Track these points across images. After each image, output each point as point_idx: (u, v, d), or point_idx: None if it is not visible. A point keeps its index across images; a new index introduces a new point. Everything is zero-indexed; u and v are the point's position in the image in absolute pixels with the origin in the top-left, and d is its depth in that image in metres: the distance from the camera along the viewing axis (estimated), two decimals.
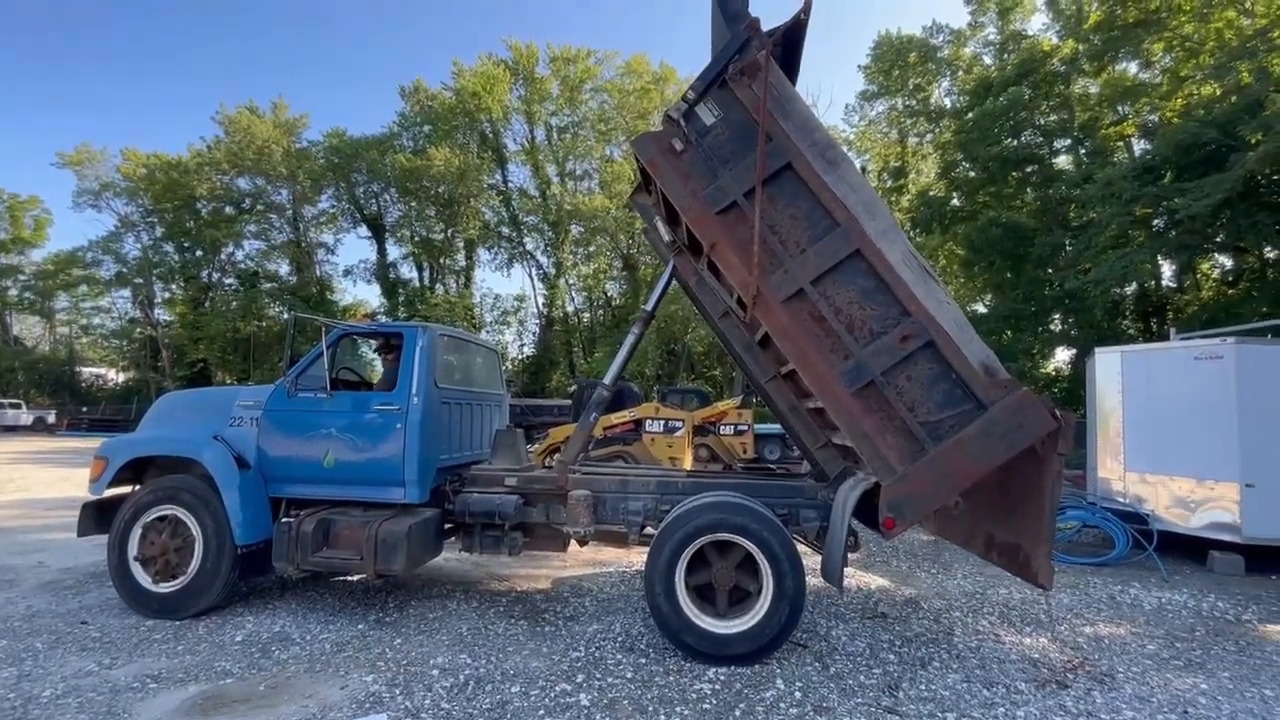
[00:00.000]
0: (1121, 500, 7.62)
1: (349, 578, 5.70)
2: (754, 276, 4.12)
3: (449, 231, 37.79)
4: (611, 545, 5.31)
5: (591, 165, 36.75)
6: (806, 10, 4.40)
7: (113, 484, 5.00)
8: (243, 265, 39.67)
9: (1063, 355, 23.66)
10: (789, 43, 4.69)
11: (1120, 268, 15.81)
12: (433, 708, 3.28)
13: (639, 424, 11.64)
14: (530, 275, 38.27)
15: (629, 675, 3.74)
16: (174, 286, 39.73)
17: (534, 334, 38.93)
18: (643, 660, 3.97)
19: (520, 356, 38.38)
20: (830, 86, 74.52)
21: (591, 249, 35.53)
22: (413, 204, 36.91)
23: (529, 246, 37.93)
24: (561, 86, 36.34)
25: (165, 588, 4.67)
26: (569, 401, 16.37)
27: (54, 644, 4.04)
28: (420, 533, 4.63)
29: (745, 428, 14.99)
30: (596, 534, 4.78)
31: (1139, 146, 21.46)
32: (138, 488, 5.00)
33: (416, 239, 38.02)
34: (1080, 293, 17.63)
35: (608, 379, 5.11)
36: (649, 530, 4.55)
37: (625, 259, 34.67)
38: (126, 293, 40.17)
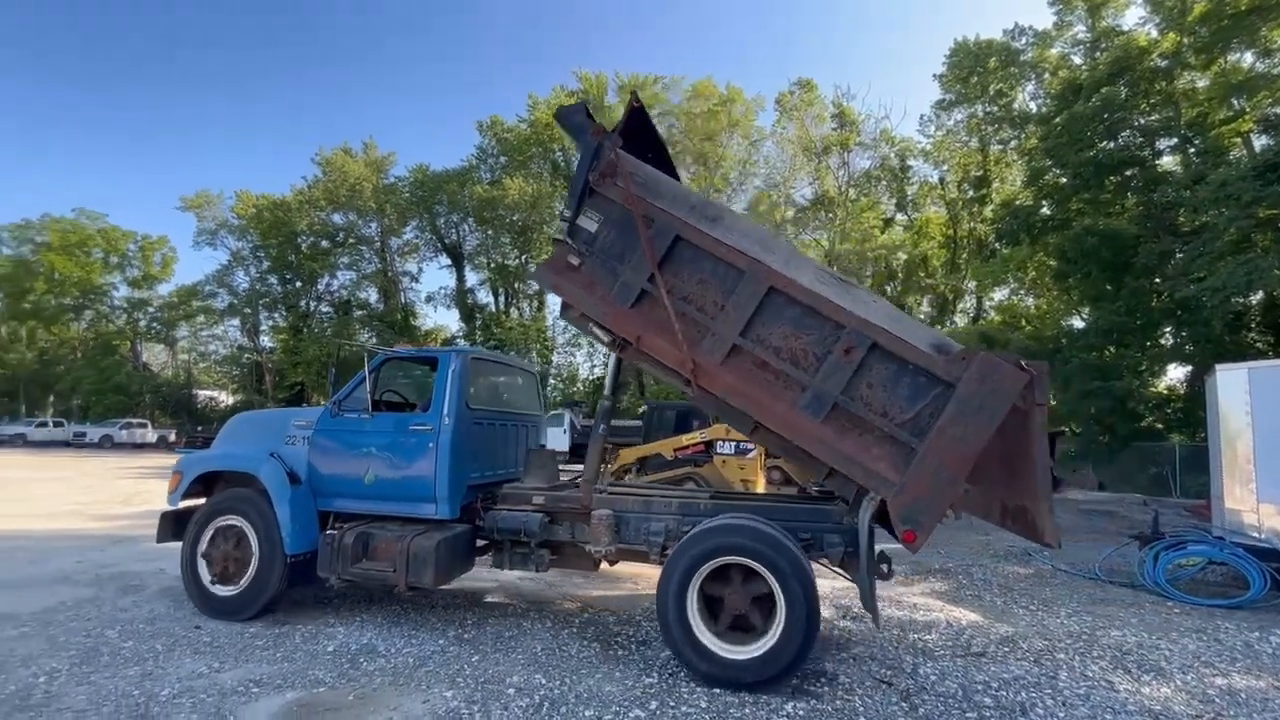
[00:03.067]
0: (1255, 534, 6.81)
1: (430, 591, 5.91)
2: (684, 352, 4.21)
3: (523, 257, 39.15)
4: (643, 563, 5.19)
5: None
6: (636, 100, 4.80)
7: (187, 496, 5.44)
8: (336, 294, 42.64)
9: (1176, 373, 21.64)
10: (639, 128, 4.99)
11: (1244, 275, 14.32)
12: None
13: (709, 446, 11.51)
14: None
15: (703, 705, 3.66)
16: (276, 315, 43.13)
17: (606, 355, 39.55)
18: (716, 690, 3.87)
19: (591, 378, 38.98)
20: (904, 97, 72.43)
21: None
22: (489, 232, 38.57)
23: None
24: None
25: (225, 591, 5.06)
26: (639, 422, 16.41)
27: (171, 646, 4.39)
28: (449, 548, 4.79)
29: None
30: (619, 553, 4.78)
31: (1260, 143, 19.51)
32: (206, 500, 5.41)
33: (492, 265, 39.65)
34: (1194, 302, 16.09)
35: (606, 389, 5.24)
36: (670, 551, 4.48)
37: None
38: (236, 322, 43.99)
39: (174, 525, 5.44)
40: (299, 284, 42.18)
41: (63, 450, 31.30)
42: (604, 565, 5.39)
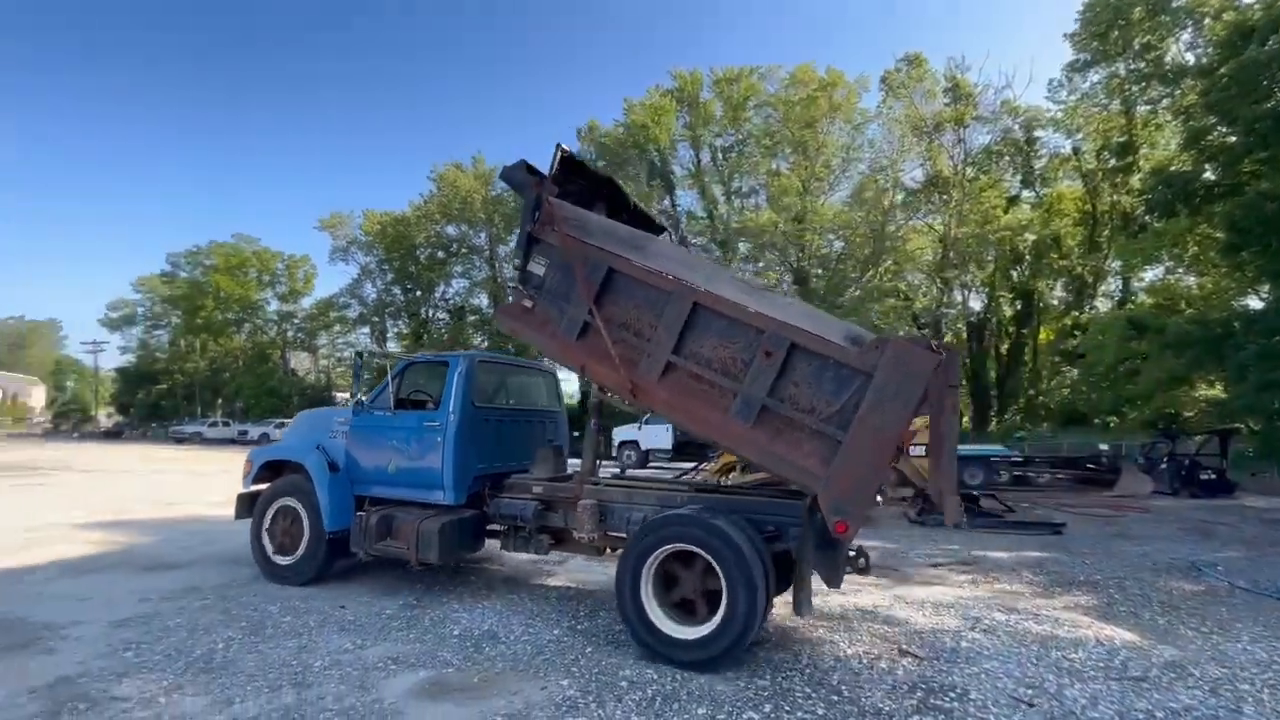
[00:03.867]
0: None
1: (546, 583, 6.15)
2: (622, 375, 4.57)
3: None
4: None
5: (758, 181, 36.51)
6: (564, 151, 5.14)
7: (256, 480, 6.36)
8: (451, 301, 45.57)
9: None
10: (572, 170, 5.44)
11: None
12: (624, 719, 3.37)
13: None
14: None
15: (820, 712, 3.52)
16: (400, 322, 46.80)
17: None
18: (835, 698, 3.71)
19: None
20: (1028, 63, 66.01)
21: (761, 265, 35.07)
22: None
23: None
24: (724, 107, 36.74)
25: (284, 560, 5.96)
26: None
27: (322, 623, 4.87)
28: (454, 530, 5.38)
29: None
30: (604, 539, 5.13)
31: None
32: (269, 484, 6.26)
33: None
34: None
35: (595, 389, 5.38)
36: None
37: (796, 273, 33.67)
38: (366, 329, 48.23)
39: (248, 505, 6.32)
40: (418, 293, 45.54)
41: (230, 446, 35.74)
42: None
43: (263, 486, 6.31)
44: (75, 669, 3.86)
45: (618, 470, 17.34)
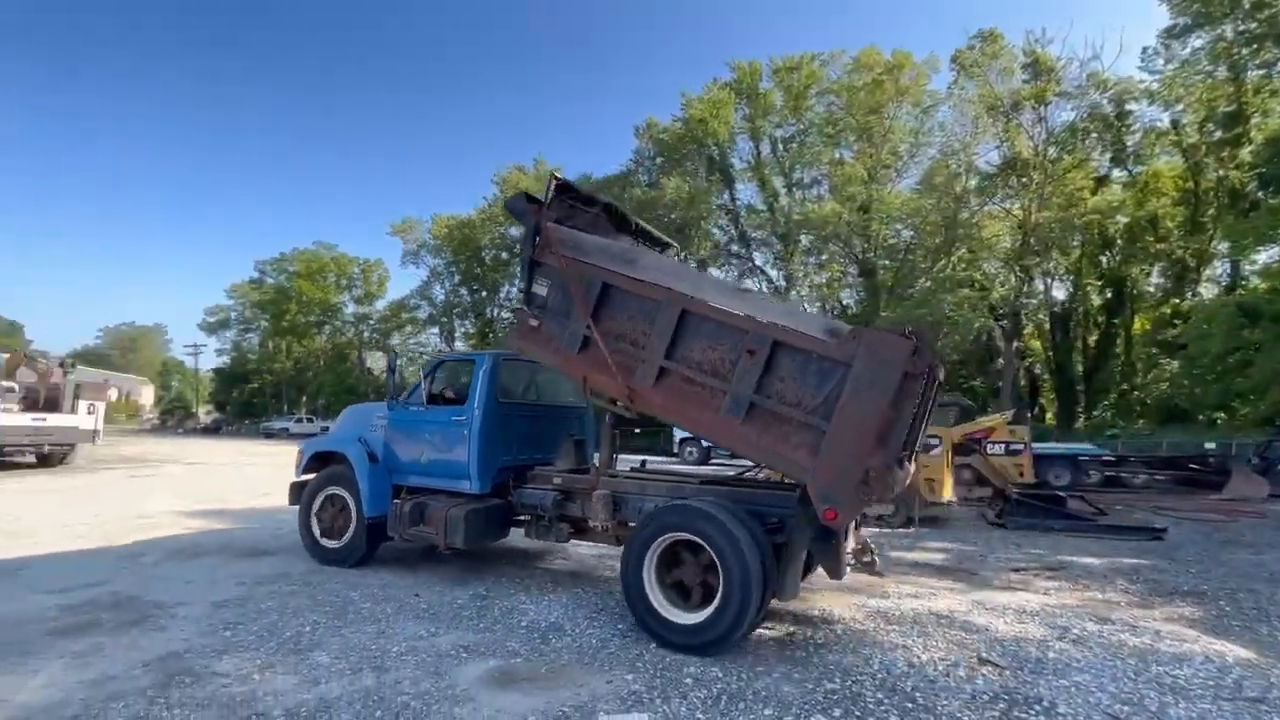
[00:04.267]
0: None
1: (611, 578, 6.20)
2: (620, 382, 4.83)
3: (682, 254, 39.69)
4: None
5: (820, 171, 35.56)
6: (555, 179, 5.54)
7: (306, 470, 6.85)
8: (514, 301, 46.70)
9: None
10: (565, 194, 5.74)
11: None
12: (689, 717, 3.36)
13: None
14: (761, 290, 38.26)
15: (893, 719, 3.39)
16: (467, 322, 48.39)
17: None
18: (909, 705, 3.57)
19: None
20: (1118, 32, 61.13)
21: (824, 257, 34.18)
22: None
23: (758, 261, 37.98)
24: (785, 96, 35.94)
25: (332, 544, 6.44)
26: None
27: (398, 610, 5.09)
28: (478, 518, 5.71)
29: (1020, 447, 12.89)
30: (617, 527, 5.33)
31: None
32: (317, 474, 6.72)
33: None
34: None
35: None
36: None
37: (861, 264, 32.62)
38: (436, 329, 50.15)
39: (298, 493, 6.81)
40: (484, 293, 46.94)
41: None
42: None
43: (311, 476, 6.78)
44: (181, 645, 4.19)
45: (676, 466, 17.29)
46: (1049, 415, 31.08)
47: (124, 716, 3.19)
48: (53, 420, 15.52)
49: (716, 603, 4.21)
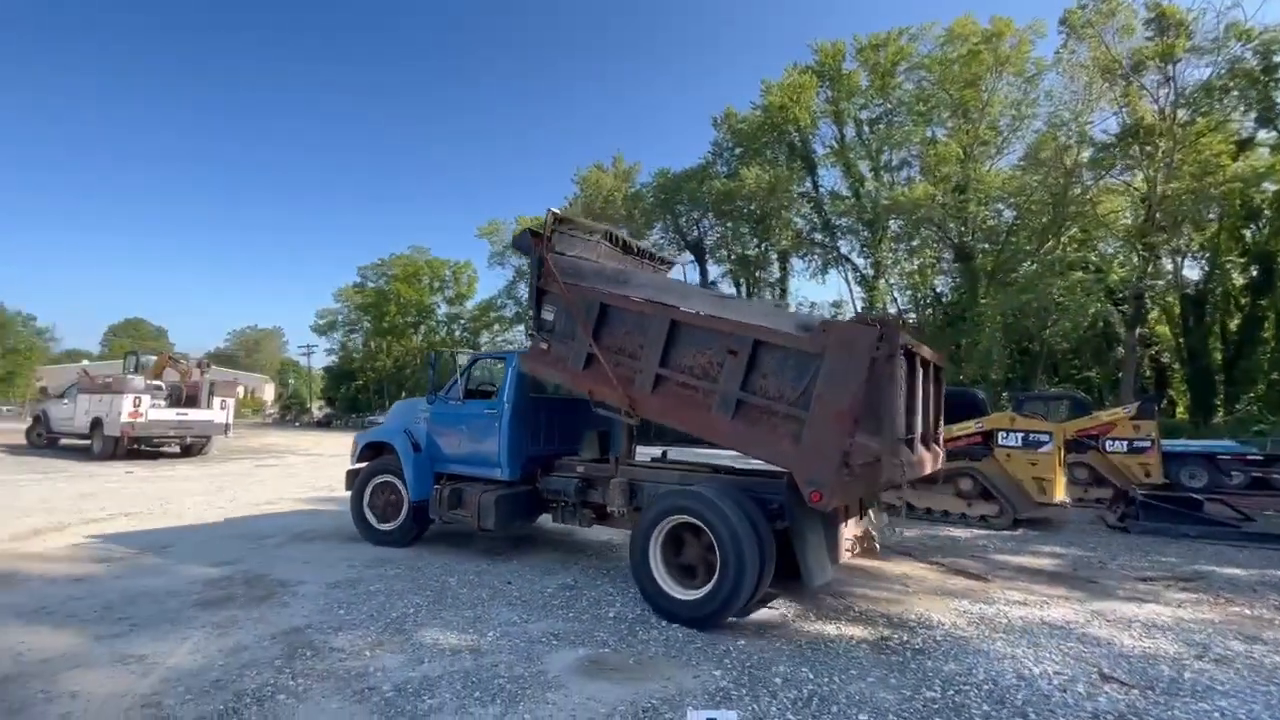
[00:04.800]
0: None
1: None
2: (621, 392, 5.28)
3: (762, 245, 38.92)
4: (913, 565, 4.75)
5: (910, 152, 33.71)
6: (552, 215, 5.96)
7: (360, 459, 7.45)
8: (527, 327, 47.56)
9: None
10: (564, 226, 6.18)
11: None
12: (779, 717, 3.29)
13: (989, 437, 10.04)
14: (846, 279, 36.86)
15: None
16: None
17: None
18: (1019, 719, 3.32)
19: None
20: None
21: (915, 243, 32.39)
22: (728, 224, 39.14)
23: (843, 250, 36.60)
24: (871, 75, 34.36)
25: (385, 526, 7.04)
26: None
27: (492, 597, 5.32)
28: (507, 503, 6.22)
29: (1146, 444, 11.70)
30: (633, 512, 5.58)
31: None
32: (369, 462, 7.31)
33: (733, 257, 40.20)
34: None
35: None
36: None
37: (957, 249, 30.66)
38: (521, 327, 51.85)
39: (354, 479, 7.35)
40: None
41: None
42: (873, 563, 5.95)
43: (363, 465, 7.38)
44: (302, 621, 4.57)
45: None
46: (1180, 409, 28.00)
47: (256, 683, 3.52)
48: (193, 415, 17.41)
49: (714, 581, 4.53)
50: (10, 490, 10.57)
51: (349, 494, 7.37)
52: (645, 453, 6.79)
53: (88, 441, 16.75)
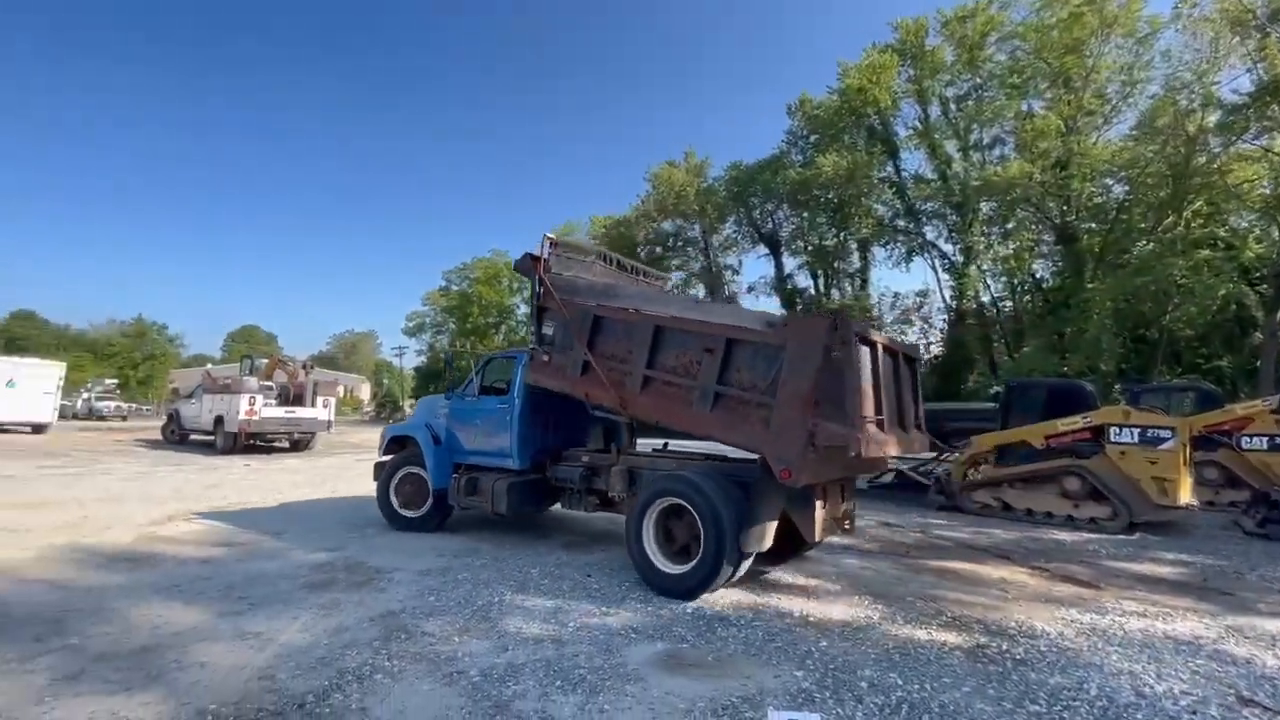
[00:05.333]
0: None
1: (775, 575, 6.07)
2: (614, 394, 5.84)
3: (841, 235, 37.56)
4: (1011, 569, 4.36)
5: (1003, 128, 31.48)
6: (547, 238, 6.53)
7: (387, 451, 8.07)
8: (670, 294, 47.55)
9: None
10: (559, 249, 6.79)
11: None
12: None
13: (1099, 433, 9.22)
14: (933, 266, 34.94)
15: None
16: None
17: (942, 330, 35.33)
18: None
19: (926, 357, 35.31)
20: None
21: (1010, 225, 30.23)
22: (804, 215, 38.04)
23: (929, 236, 34.72)
24: (957, 50, 32.33)
25: (410, 513, 7.62)
26: (992, 404, 14.13)
27: (573, 589, 5.42)
28: (518, 490, 6.77)
29: None
30: (633, 499, 5.82)
31: None
32: (395, 454, 7.90)
33: (810, 248, 39.02)
34: None
35: None
36: None
37: (1059, 230, 28.33)
38: None
39: (381, 470, 7.97)
40: None
41: None
42: (968, 567, 6.05)
43: (389, 457, 7.99)
44: (397, 605, 4.84)
45: None
46: None
47: (356, 662, 3.75)
48: (300, 413, 18.88)
49: (697, 558, 5.05)
50: (150, 481, 11.85)
51: (376, 481, 8.04)
52: (649, 444, 7.21)
53: (212, 437, 18.54)
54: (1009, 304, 32.92)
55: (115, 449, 18.67)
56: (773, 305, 44.78)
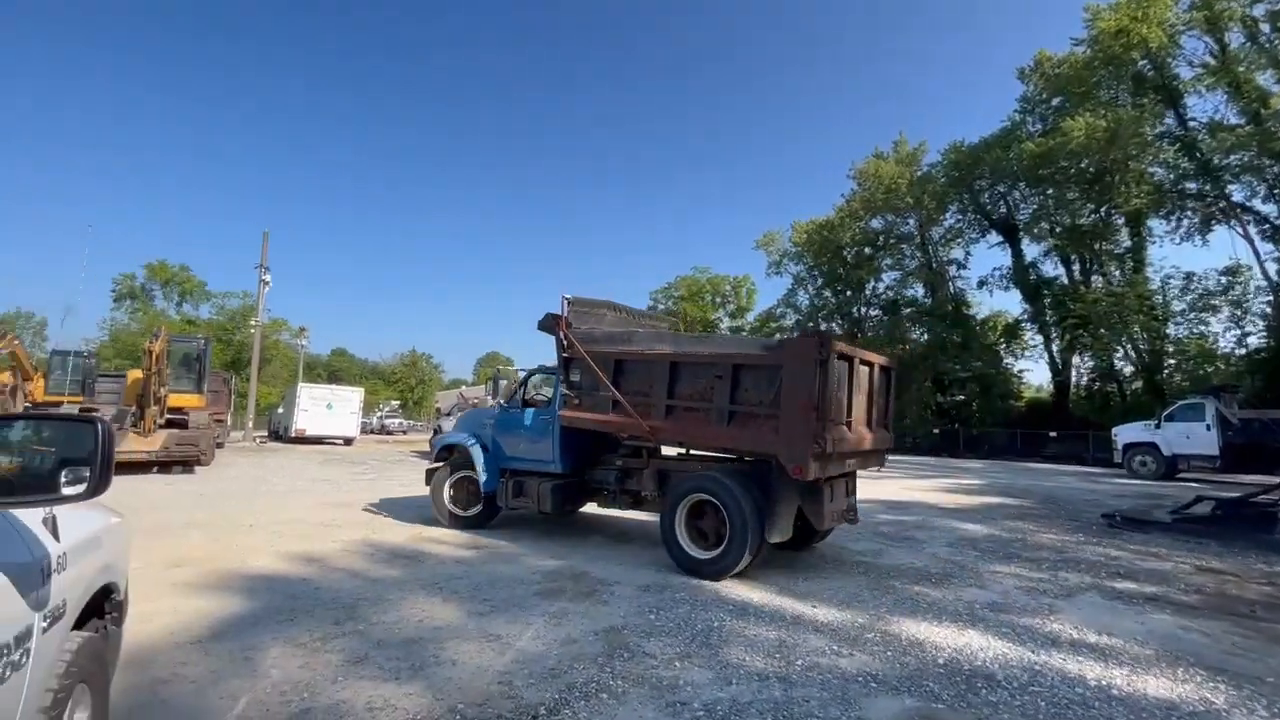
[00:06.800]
0: None
1: (1050, 624, 4.94)
2: (642, 424, 6.83)
3: (1102, 210, 31.31)
4: None
5: None
6: (565, 299, 7.74)
7: (438, 459, 8.87)
8: (883, 296, 43.91)
9: None
10: (576, 305, 7.95)
11: None
12: None
13: None
14: (1245, 235, 27.32)
15: None
16: (834, 324, 47.52)
17: (1265, 316, 27.32)
18: None
19: (1241, 351, 27.59)
20: None
21: None
22: (1048, 192, 32.52)
23: (1236, 197, 27.26)
24: None
25: (464, 512, 8.52)
26: None
27: (796, 619, 4.97)
28: (560, 491, 7.67)
29: None
30: (664, 500, 6.69)
31: None
32: (446, 461, 8.78)
33: (1058, 230, 33.16)
34: None
35: None
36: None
37: None
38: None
39: (433, 475, 8.84)
40: (849, 293, 45.47)
41: None
42: None
43: (440, 464, 8.83)
44: (619, 621, 4.86)
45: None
46: None
47: (583, 677, 3.78)
48: None
49: (724, 545, 5.97)
50: (421, 486, 13.99)
51: (428, 485, 8.93)
52: (668, 450, 7.56)
53: None
54: None
55: (398, 458, 22.62)
56: (1012, 301, 38.92)
